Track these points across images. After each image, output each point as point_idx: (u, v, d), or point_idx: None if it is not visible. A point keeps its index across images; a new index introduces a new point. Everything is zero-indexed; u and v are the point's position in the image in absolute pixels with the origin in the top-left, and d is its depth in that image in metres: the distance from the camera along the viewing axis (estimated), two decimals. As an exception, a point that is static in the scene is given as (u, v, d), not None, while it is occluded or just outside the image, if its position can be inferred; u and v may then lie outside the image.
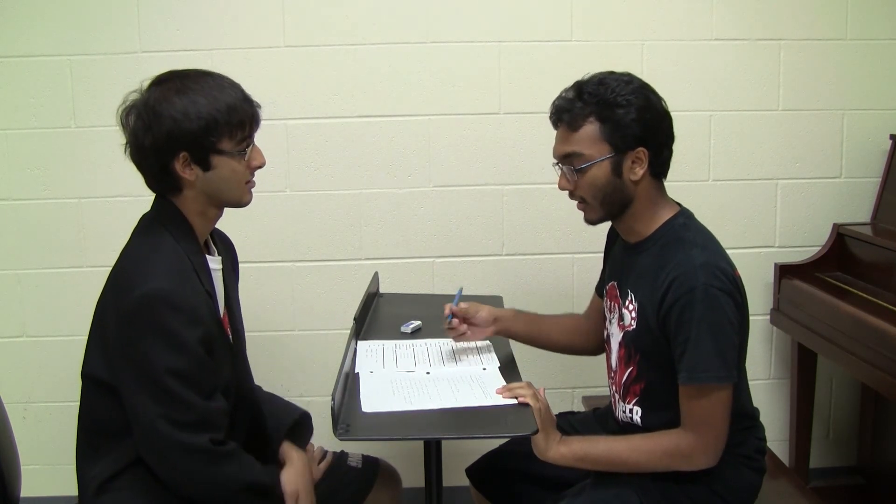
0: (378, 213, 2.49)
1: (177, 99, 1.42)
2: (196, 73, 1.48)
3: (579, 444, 1.53)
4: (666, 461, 1.49)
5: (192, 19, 2.38)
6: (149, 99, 1.44)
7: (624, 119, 1.50)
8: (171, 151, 1.43)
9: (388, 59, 2.42)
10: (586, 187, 1.55)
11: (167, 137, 1.42)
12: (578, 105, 1.53)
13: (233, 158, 1.47)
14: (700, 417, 1.46)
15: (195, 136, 1.42)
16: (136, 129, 1.44)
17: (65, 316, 2.49)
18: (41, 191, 2.44)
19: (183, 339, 1.37)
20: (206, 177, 1.46)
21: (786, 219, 2.54)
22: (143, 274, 1.39)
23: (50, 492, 2.51)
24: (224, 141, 1.45)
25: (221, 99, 1.44)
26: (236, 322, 1.64)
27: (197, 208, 1.50)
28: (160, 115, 1.41)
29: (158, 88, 1.45)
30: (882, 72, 2.48)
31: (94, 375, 1.46)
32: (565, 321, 1.92)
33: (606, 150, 1.52)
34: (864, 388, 2.55)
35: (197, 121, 1.42)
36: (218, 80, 1.48)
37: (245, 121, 1.48)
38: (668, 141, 1.57)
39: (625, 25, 2.43)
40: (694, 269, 1.45)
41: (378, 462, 1.81)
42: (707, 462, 1.48)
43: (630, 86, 1.52)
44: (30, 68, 2.39)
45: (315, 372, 2.53)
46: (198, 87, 1.44)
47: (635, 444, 1.52)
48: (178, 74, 1.48)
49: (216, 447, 1.40)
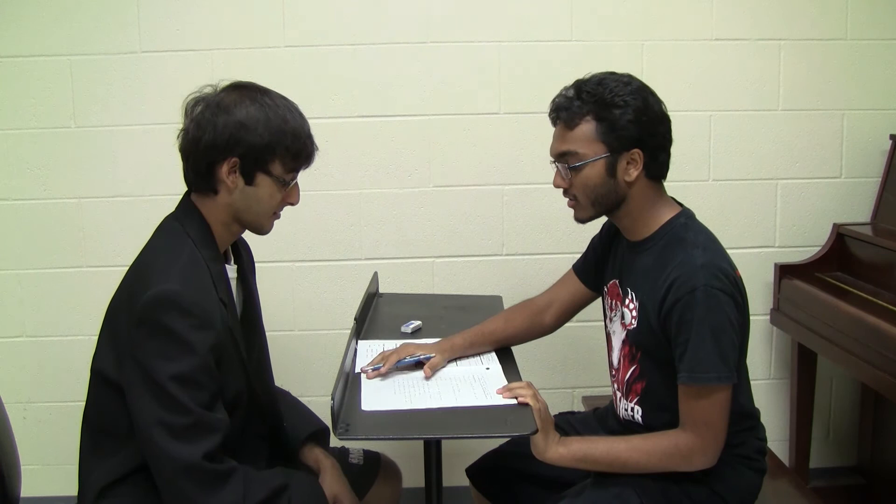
0: (378, 213, 2.49)
1: (251, 107, 1.44)
2: (275, 93, 1.50)
3: (578, 444, 1.53)
4: (665, 461, 1.49)
5: (192, 19, 2.38)
6: (223, 98, 1.45)
7: (620, 120, 1.51)
8: (225, 153, 1.44)
9: (388, 59, 2.42)
10: (580, 186, 1.56)
11: (228, 138, 1.42)
12: (577, 104, 1.53)
13: (275, 184, 1.48)
14: (699, 418, 1.46)
15: (254, 147, 1.44)
16: (200, 119, 1.44)
17: (65, 316, 2.49)
18: (41, 191, 2.44)
19: (190, 344, 1.36)
20: (244, 191, 1.47)
21: (786, 219, 2.54)
22: (158, 275, 1.39)
23: (50, 492, 2.51)
24: (276, 164, 1.47)
25: (291, 124, 1.46)
26: (256, 330, 1.64)
27: (222, 218, 1.50)
28: (231, 115, 1.43)
29: (236, 92, 1.47)
30: (882, 72, 2.49)
31: (103, 372, 1.45)
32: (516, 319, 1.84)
33: (601, 149, 1.52)
34: (864, 388, 2.55)
35: (262, 134, 1.43)
36: (293, 107, 1.50)
37: (302, 154, 1.49)
38: (664, 144, 1.57)
39: (625, 25, 2.43)
40: (695, 270, 1.45)
41: (379, 457, 1.82)
42: (705, 462, 1.48)
43: (629, 87, 1.52)
44: (30, 68, 2.39)
45: (315, 372, 2.53)
46: (273, 105, 1.46)
47: (634, 445, 1.52)
48: (258, 87, 1.50)
49: (211, 465, 1.36)
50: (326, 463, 1.65)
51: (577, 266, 1.84)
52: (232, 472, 1.39)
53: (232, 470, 1.39)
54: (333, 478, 1.62)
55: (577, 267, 1.84)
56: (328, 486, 1.59)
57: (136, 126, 2.40)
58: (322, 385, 2.46)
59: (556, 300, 1.85)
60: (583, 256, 1.83)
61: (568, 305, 1.84)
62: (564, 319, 1.86)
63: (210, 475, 1.36)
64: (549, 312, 1.85)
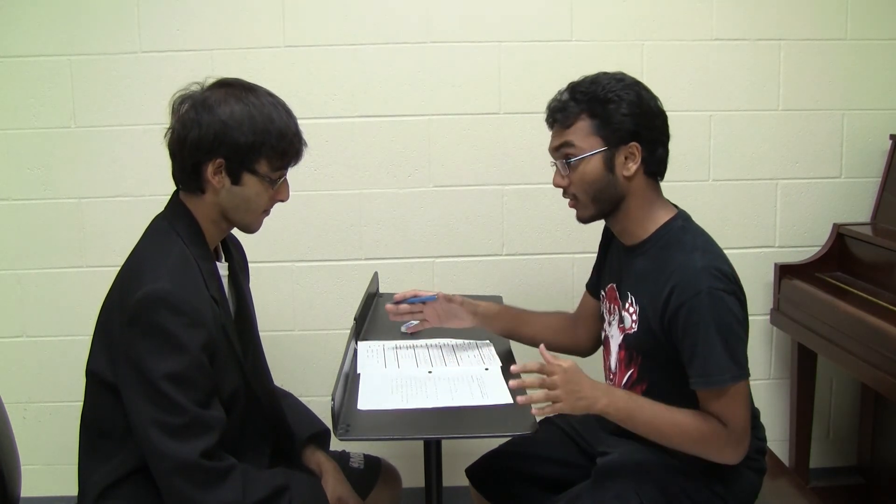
0: (378, 213, 2.49)
1: (236, 106, 1.43)
2: (262, 91, 1.49)
3: (625, 402, 1.48)
4: (699, 446, 1.47)
5: (192, 19, 2.38)
6: (209, 96, 1.44)
7: (615, 114, 1.52)
8: (210, 153, 1.43)
9: (388, 59, 2.42)
10: (578, 182, 1.56)
11: (213, 138, 1.42)
12: (571, 104, 1.55)
13: (262, 183, 1.47)
14: (725, 415, 1.46)
15: (239, 147, 1.43)
16: (185, 118, 1.44)
17: (65, 316, 2.49)
18: (41, 191, 2.44)
19: (182, 342, 1.36)
20: (231, 190, 1.47)
21: (786, 219, 2.54)
22: (148, 275, 1.38)
23: (50, 492, 2.51)
24: (262, 163, 1.46)
25: (276, 123, 1.45)
26: (250, 327, 1.64)
27: (211, 216, 1.50)
28: (214, 115, 1.42)
29: (222, 90, 1.45)
30: (882, 72, 2.48)
31: (98, 374, 1.45)
32: (552, 319, 1.90)
33: (598, 143, 1.53)
34: (864, 388, 2.55)
35: (247, 134, 1.42)
36: (279, 104, 1.49)
37: (289, 152, 1.49)
38: (662, 138, 1.57)
39: (625, 25, 2.43)
40: (696, 273, 1.45)
41: (380, 462, 1.81)
42: (735, 456, 1.48)
43: (621, 83, 1.54)
44: (30, 68, 2.39)
45: (315, 372, 2.53)
46: (259, 104, 1.45)
47: (677, 421, 1.47)
48: (245, 85, 1.48)
49: (209, 463, 1.36)
50: (328, 466, 1.65)
51: (587, 282, 1.86)
52: (231, 470, 1.39)
53: (231, 467, 1.39)
54: (336, 480, 1.62)
55: (588, 283, 1.86)
56: (331, 489, 1.59)
57: (136, 126, 2.40)
58: (322, 385, 2.46)
59: (580, 317, 1.87)
60: (592, 271, 1.84)
61: (588, 319, 1.83)
62: (596, 334, 1.81)
63: (208, 473, 1.36)
64: (580, 326, 1.86)
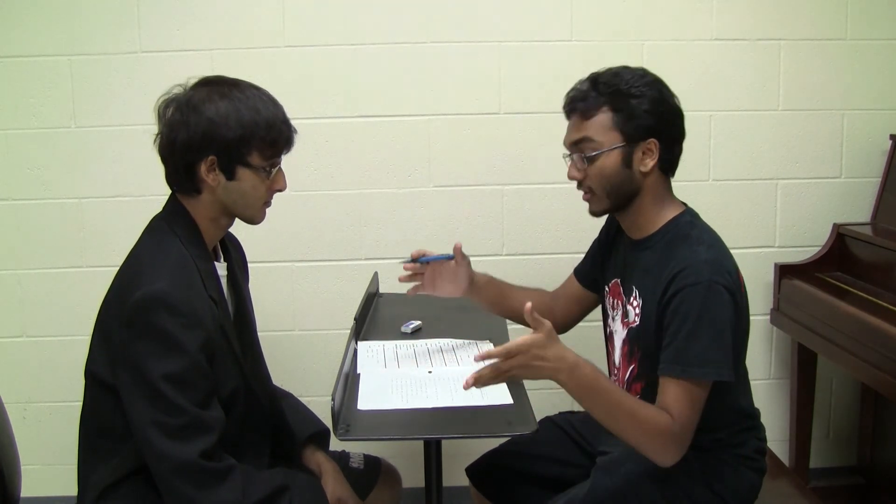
0: (378, 213, 2.49)
1: (220, 102, 1.43)
2: (244, 84, 1.48)
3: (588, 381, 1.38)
4: (645, 439, 1.40)
5: (192, 19, 2.38)
6: (193, 96, 1.44)
7: (637, 109, 1.51)
8: (201, 152, 1.43)
9: (388, 59, 2.42)
10: (595, 176, 1.55)
11: (201, 137, 1.42)
12: (593, 94, 1.54)
13: (257, 175, 1.47)
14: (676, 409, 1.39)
15: (229, 142, 1.43)
16: (172, 121, 1.44)
17: (65, 316, 2.49)
18: (41, 191, 2.44)
19: (180, 343, 1.36)
20: (227, 186, 1.47)
21: (786, 219, 2.54)
22: (146, 276, 1.39)
23: (50, 492, 2.51)
24: (254, 155, 1.46)
25: (263, 114, 1.45)
26: (249, 327, 1.64)
27: (210, 214, 1.50)
28: (200, 114, 1.42)
29: (205, 88, 1.45)
30: (882, 72, 2.48)
31: (97, 374, 1.45)
32: (531, 294, 1.86)
33: (618, 139, 1.52)
34: (864, 388, 2.55)
35: (234, 128, 1.42)
36: (264, 95, 1.49)
37: (279, 141, 1.48)
38: (679, 137, 1.58)
39: (625, 25, 2.43)
40: (699, 264, 1.44)
41: (380, 462, 1.81)
42: (673, 458, 1.40)
43: (644, 79, 1.54)
44: (30, 68, 2.39)
45: (315, 372, 2.53)
46: (243, 97, 1.45)
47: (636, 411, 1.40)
48: (227, 81, 1.48)
49: (208, 464, 1.35)
50: (328, 466, 1.65)
51: (577, 267, 1.86)
52: (230, 470, 1.39)
53: (230, 468, 1.39)
54: (337, 481, 1.62)
55: (577, 268, 1.86)
56: (331, 490, 1.59)
57: (136, 126, 2.39)
58: (322, 385, 2.46)
59: (559, 296, 1.87)
60: (583, 259, 1.85)
61: (569, 301, 1.85)
62: (570, 318, 1.85)
63: (207, 473, 1.36)
64: (558, 304, 1.86)
